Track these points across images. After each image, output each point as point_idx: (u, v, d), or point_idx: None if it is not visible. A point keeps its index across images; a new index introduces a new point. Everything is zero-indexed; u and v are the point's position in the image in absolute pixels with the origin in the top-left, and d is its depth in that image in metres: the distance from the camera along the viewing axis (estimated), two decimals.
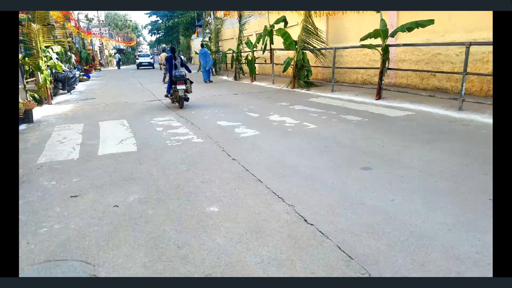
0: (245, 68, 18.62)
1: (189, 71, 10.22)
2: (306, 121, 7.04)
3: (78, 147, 5.74)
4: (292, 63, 12.52)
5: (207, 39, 25.20)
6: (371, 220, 2.94)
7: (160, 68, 20.46)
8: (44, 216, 3.29)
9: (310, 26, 12.34)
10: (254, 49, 15.55)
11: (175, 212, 3.27)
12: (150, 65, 39.15)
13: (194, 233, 2.86)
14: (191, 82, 9.54)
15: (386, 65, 8.69)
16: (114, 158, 5.07)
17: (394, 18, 10.24)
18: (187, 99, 9.43)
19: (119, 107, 10.02)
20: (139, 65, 38.06)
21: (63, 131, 7.08)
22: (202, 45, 19.45)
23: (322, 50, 12.51)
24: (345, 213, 3.08)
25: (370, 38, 8.96)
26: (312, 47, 12.46)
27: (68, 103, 11.40)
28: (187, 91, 9.28)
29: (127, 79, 22.30)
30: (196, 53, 25.39)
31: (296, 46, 12.31)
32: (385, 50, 8.54)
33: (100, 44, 48.56)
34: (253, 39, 18.57)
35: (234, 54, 17.67)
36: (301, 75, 12.59)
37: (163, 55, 19.36)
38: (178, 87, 9.13)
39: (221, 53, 20.87)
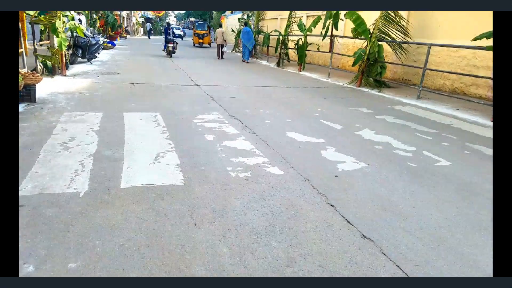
0: (291, 54, 16.25)
1: (175, 36, 17.78)
2: (424, 148, 4.78)
3: (89, 164, 3.58)
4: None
5: (245, 16, 22.73)
6: None
7: (216, 43, 18.56)
8: None
9: (391, 13, 9.87)
10: (308, 33, 13.12)
11: None
12: (180, 37, 41.16)
13: None
14: (177, 43, 17.21)
15: None
16: (149, 203, 2.89)
17: None
18: (174, 52, 16.85)
19: (149, 91, 7.83)
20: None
21: (72, 123, 4.93)
22: (245, 24, 17.36)
23: (405, 44, 10.05)
24: None
25: (489, 39, 6.75)
26: (391, 39, 10.01)
27: (86, 76, 9.26)
28: (174, 48, 16.70)
29: (155, 51, 20.04)
30: (232, 30, 22.90)
31: (370, 36, 9.89)
32: None
33: (128, 10, 46.44)
34: (304, 22, 16.10)
35: (281, 37, 15.23)
36: (371, 72, 10.17)
37: (220, 30, 18.60)
38: (169, 45, 16.53)
39: (263, 34, 18.35)
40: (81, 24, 11.09)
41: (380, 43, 9.97)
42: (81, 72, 10.05)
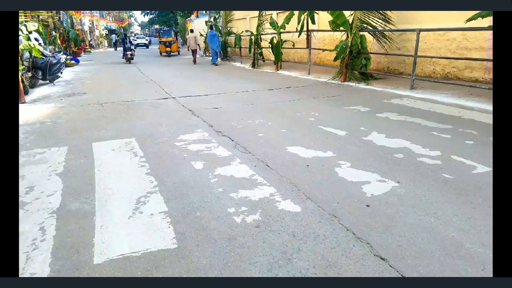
0: (265, 53, 15.54)
1: (131, 45, 19.53)
2: (450, 151, 4.11)
3: (52, 227, 2.72)
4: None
5: (212, 19, 21.91)
6: None
7: (188, 49, 20.20)
8: None
9: None
10: (282, 30, 12.43)
11: None
12: (146, 46, 43.87)
13: None
14: (134, 50, 19.66)
15: None
16: (135, 287, 2.06)
17: None
18: (132, 58, 19.20)
19: (120, 111, 6.92)
20: (136, 46, 38.24)
21: (30, 166, 4.02)
22: (211, 27, 16.75)
23: (388, 32, 9.43)
24: None
25: (483, 18, 6.25)
26: (372, 28, 9.38)
27: (48, 101, 8.24)
28: (132, 55, 19.03)
29: (123, 64, 18.99)
30: (201, 34, 21.93)
31: (350, 27, 9.25)
32: None
33: (91, 24, 44.82)
34: (275, 19, 15.41)
35: (253, 37, 14.47)
36: (356, 65, 9.53)
37: (192, 35, 18.79)
38: (127, 52, 18.77)
39: (233, 35, 17.53)
40: (38, 43, 10.03)
41: (362, 33, 9.32)
42: (42, 96, 9.00)
